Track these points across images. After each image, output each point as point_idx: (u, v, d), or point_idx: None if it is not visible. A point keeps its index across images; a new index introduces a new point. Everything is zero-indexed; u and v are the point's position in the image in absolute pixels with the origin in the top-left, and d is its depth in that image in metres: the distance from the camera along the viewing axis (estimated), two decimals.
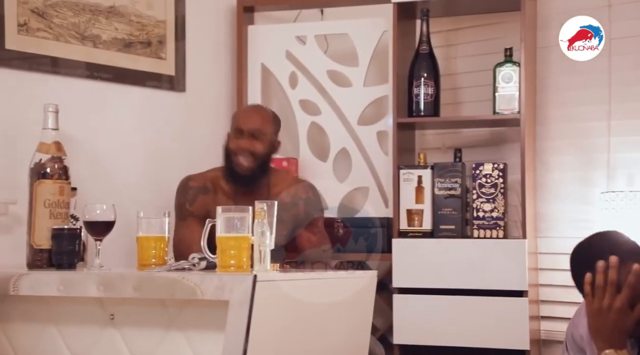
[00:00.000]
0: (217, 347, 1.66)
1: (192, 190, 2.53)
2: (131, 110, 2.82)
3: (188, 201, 2.51)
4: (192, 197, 2.52)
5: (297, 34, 3.11)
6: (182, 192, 2.53)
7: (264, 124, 2.52)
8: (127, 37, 2.79)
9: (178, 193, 2.55)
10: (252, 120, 2.52)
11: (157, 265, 1.94)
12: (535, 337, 2.73)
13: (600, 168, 2.76)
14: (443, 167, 2.73)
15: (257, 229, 1.79)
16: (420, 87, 2.77)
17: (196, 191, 2.53)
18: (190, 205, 2.51)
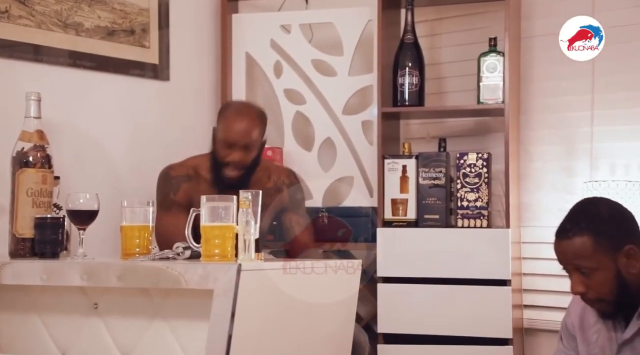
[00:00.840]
0: (201, 336, 1.66)
1: (175, 179, 2.51)
2: (114, 98, 2.80)
3: (172, 191, 2.49)
4: (176, 187, 2.50)
5: (282, 22, 3.09)
6: (164, 182, 2.51)
7: (255, 133, 2.46)
8: (110, 25, 2.76)
9: (160, 183, 2.53)
10: (243, 134, 2.44)
11: (141, 255, 1.93)
12: (518, 325, 2.76)
13: (583, 158, 2.78)
14: (427, 156, 2.74)
15: (242, 218, 1.79)
16: (405, 76, 2.77)
17: (179, 180, 2.51)
18: (174, 195, 2.49)
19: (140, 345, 1.81)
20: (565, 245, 1.71)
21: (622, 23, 2.70)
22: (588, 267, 1.68)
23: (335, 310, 2.01)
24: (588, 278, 1.69)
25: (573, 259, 1.70)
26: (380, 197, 2.76)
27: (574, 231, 1.70)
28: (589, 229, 1.69)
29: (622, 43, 2.73)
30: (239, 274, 1.65)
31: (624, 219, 1.75)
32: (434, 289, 2.65)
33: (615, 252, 1.68)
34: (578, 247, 1.68)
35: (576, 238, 1.69)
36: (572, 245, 1.69)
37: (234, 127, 2.46)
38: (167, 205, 2.49)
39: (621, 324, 1.72)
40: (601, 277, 1.67)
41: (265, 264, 1.84)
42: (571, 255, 1.70)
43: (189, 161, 2.57)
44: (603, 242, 1.68)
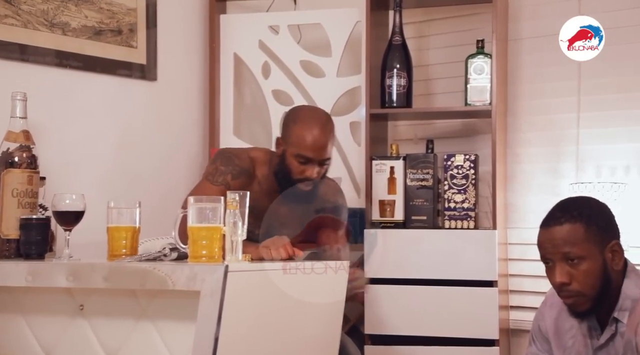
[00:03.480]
0: (188, 337, 1.66)
1: (239, 168, 2.33)
2: (101, 99, 2.79)
3: (231, 174, 2.31)
4: (236, 174, 2.32)
5: (270, 23, 3.09)
6: (227, 162, 2.33)
7: (331, 146, 2.32)
8: (97, 25, 2.75)
9: (221, 159, 2.35)
10: (322, 150, 2.28)
11: (128, 256, 1.92)
12: (504, 326, 2.77)
13: (569, 160, 2.80)
14: (415, 158, 2.75)
15: (229, 219, 1.79)
16: (393, 78, 2.78)
17: (241, 171, 2.33)
18: (232, 179, 2.30)
19: (126, 346, 1.80)
20: (555, 231, 1.68)
21: (608, 26, 2.71)
22: (577, 255, 1.65)
23: (323, 312, 2.01)
24: (574, 268, 1.66)
25: (562, 245, 1.66)
26: (368, 198, 2.76)
27: (566, 218, 1.68)
28: (581, 217, 1.68)
29: (607, 45, 2.75)
30: (226, 275, 1.64)
31: (611, 215, 1.75)
32: (421, 290, 2.66)
33: (603, 244, 1.67)
34: (569, 233, 1.66)
35: (567, 224, 1.67)
36: (563, 231, 1.67)
37: (309, 141, 2.27)
38: (217, 181, 2.31)
39: (597, 330, 1.72)
40: (588, 267, 1.65)
41: (252, 265, 1.84)
42: (560, 241, 1.67)
43: (251, 153, 2.41)
44: (594, 231, 1.67)
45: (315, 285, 1.97)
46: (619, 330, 1.68)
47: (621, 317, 1.67)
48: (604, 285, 1.67)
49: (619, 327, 1.68)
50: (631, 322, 1.65)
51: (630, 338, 1.64)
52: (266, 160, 2.37)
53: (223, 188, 2.25)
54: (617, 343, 1.68)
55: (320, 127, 2.30)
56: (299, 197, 2.31)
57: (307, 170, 2.28)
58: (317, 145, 2.28)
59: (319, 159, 2.29)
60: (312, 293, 1.96)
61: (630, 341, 1.64)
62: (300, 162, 2.28)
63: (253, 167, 2.35)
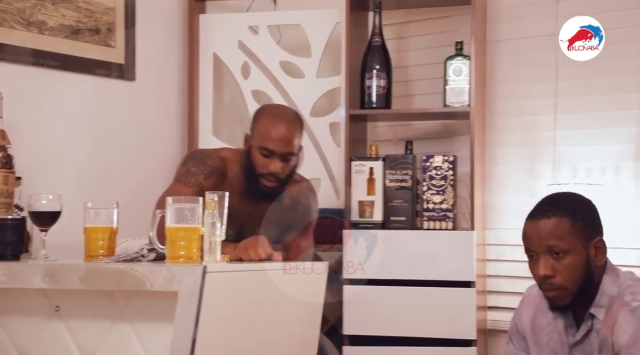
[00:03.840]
0: (165, 338, 1.65)
1: (211, 168, 2.32)
2: (79, 98, 2.77)
3: (204, 174, 2.30)
4: (209, 173, 2.31)
5: (250, 23, 3.09)
6: (199, 163, 2.32)
7: (297, 140, 2.29)
8: (74, 24, 2.73)
9: (190, 161, 2.34)
10: (286, 143, 2.26)
11: (105, 256, 1.91)
12: (481, 326, 2.78)
13: (547, 161, 2.82)
14: (394, 159, 2.75)
15: (208, 219, 1.78)
16: (372, 79, 2.78)
17: (214, 171, 2.32)
18: (204, 179, 2.29)
19: (103, 348, 1.79)
20: (541, 224, 1.69)
21: None
22: (562, 248, 1.67)
23: (302, 312, 2.01)
24: (558, 262, 1.67)
25: (548, 238, 1.67)
26: (347, 199, 2.76)
27: (553, 212, 1.69)
28: (568, 212, 1.69)
29: None
30: (204, 275, 1.64)
31: (596, 212, 1.76)
32: (400, 290, 2.67)
33: (588, 240, 1.69)
34: (555, 226, 1.67)
35: (554, 218, 1.68)
36: (549, 224, 1.68)
37: (273, 133, 2.26)
38: (190, 182, 2.30)
39: (572, 327, 1.74)
40: (572, 261, 1.66)
41: (230, 266, 1.83)
42: (547, 234, 1.68)
43: (222, 153, 2.40)
44: (579, 227, 1.68)
45: (293, 286, 1.97)
46: (595, 326, 1.69)
47: (597, 313, 1.69)
48: (586, 281, 1.68)
49: (594, 323, 1.69)
50: (608, 320, 1.66)
51: (607, 336, 1.65)
52: (237, 160, 2.35)
53: (196, 189, 2.25)
54: (592, 339, 1.70)
55: (286, 122, 2.30)
56: (269, 195, 2.30)
57: (270, 165, 2.26)
58: (280, 138, 2.26)
59: (282, 152, 2.26)
60: (290, 294, 1.95)
61: (606, 339, 1.65)
62: (264, 154, 2.27)
63: (224, 166, 2.34)
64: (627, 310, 1.64)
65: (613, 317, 1.65)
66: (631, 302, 1.65)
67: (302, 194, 2.44)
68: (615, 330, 1.64)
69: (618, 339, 1.63)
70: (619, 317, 1.65)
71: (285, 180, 2.32)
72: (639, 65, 2.65)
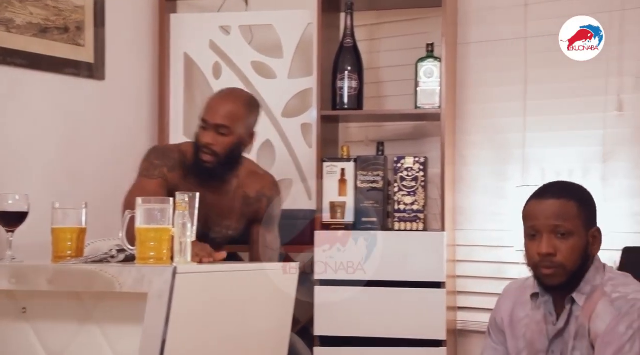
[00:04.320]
0: (134, 340, 1.64)
1: (174, 160, 2.34)
2: (47, 97, 2.73)
3: (167, 166, 2.31)
4: (173, 166, 2.32)
5: (221, 24, 3.07)
6: (161, 156, 2.33)
7: (232, 118, 2.29)
8: (43, 22, 2.69)
9: (153, 155, 2.35)
10: (218, 114, 2.28)
11: (73, 258, 1.89)
12: (451, 327, 2.80)
13: (516, 162, 2.85)
14: (366, 160, 2.76)
15: (178, 220, 1.77)
16: (344, 80, 2.79)
17: (176, 164, 2.33)
18: (168, 171, 2.30)
19: (71, 350, 1.77)
20: (549, 203, 1.72)
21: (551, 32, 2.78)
22: (567, 229, 1.70)
23: (273, 313, 2.00)
24: (561, 242, 1.70)
25: (555, 218, 1.70)
26: (319, 200, 2.76)
27: (562, 194, 1.74)
28: (575, 197, 1.74)
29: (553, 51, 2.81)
30: (174, 276, 1.63)
31: (595, 204, 1.80)
32: (371, 291, 2.68)
33: (588, 227, 1.73)
34: (562, 207, 1.71)
35: (563, 199, 1.72)
36: (557, 205, 1.71)
37: (212, 105, 2.31)
38: (153, 174, 2.31)
39: (552, 316, 1.77)
40: (574, 243, 1.70)
41: (201, 267, 1.82)
42: (553, 214, 1.71)
43: (182, 146, 2.42)
44: (584, 212, 1.73)
45: (264, 286, 1.97)
46: (574, 313, 1.72)
47: (578, 299, 1.72)
48: (581, 266, 1.72)
49: (574, 309, 1.73)
50: (586, 309, 1.70)
51: (584, 323, 1.68)
52: (194, 151, 2.35)
53: (161, 181, 2.26)
54: (571, 327, 1.73)
55: (227, 97, 2.35)
56: (209, 173, 2.30)
57: (204, 136, 2.28)
58: (214, 108, 2.30)
59: (214, 122, 2.27)
60: (261, 294, 1.95)
61: (584, 326, 1.68)
62: (201, 128, 2.31)
63: (185, 159, 2.35)
64: (607, 300, 1.68)
65: (592, 306, 1.68)
66: (611, 294, 1.68)
67: (266, 186, 2.47)
68: (594, 318, 1.67)
69: (596, 327, 1.66)
70: (598, 307, 1.68)
71: (227, 159, 2.32)
72: (607, 68, 2.69)
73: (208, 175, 2.32)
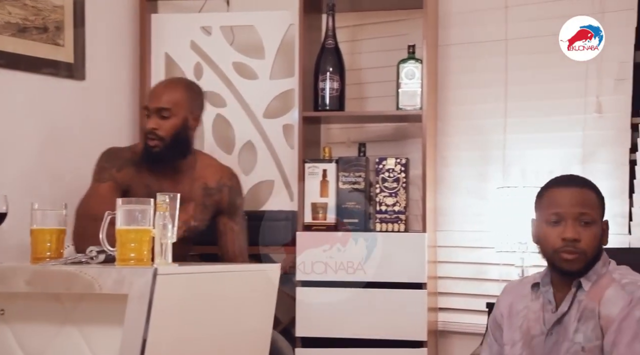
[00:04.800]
0: (114, 342, 1.62)
1: (122, 160, 2.40)
2: (26, 97, 2.70)
3: (116, 167, 2.37)
4: (120, 165, 2.39)
5: (203, 24, 3.06)
6: (109, 157, 2.40)
7: (172, 100, 2.37)
8: (21, 22, 2.67)
9: (103, 158, 2.42)
10: (157, 98, 2.37)
11: (53, 259, 1.87)
12: (432, 328, 2.81)
13: (496, 163, 2.87)
14: (347, 161, 2.76)
15: (159, 221, 1.76)
16: (326, 81, 2.79)
17: (126, 162, 2.40)
18: (117, 171, 2.36)
19: (49, 352, 1.75)
20: (574, 191, 1.77)
21: (531, 34, 2.80)
22: (590, 218, 1.75)
23: (254, 314, 2.00)
24: (584, 229, 1.74)
25: (581, 206, 1.75)
26: (301, 201, 2.76)
27: (585, 183, 1.79)
28: (594, 188, 1.80)
29: (533, 54, 2.83)
30: (155, 278, 1.62)
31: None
32: (352, 292, 2.68)
33: (602, 218, 1.79)
34: (586, 196, 1.77)
35: (586, 189, 1.78)
36: (582, 193, 1.77)
37: (153, 91, 2.42)
38: (103, 178, 2.37)
39: (551, 304, 1.79)
40: (595, 232, 1.75)
41: (182, 268, 1.81)
42: (579, 201, 1.75)
43: (134, 147, 2.48)
44: (601, 204, 1.79)
45: (246, 287, 1.96)
46: (578, 297, 1.75)
47: (584, 284, 1.75)
48: (597, 255, 1.77)
49: (578, 294, 1.75)
50: (594, 293, 1.73)
51: (592, 307, 1.71)
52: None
53: (111, 183, 2.31)
54: (572, 311, 1.75)
55: (167, 82, 2.47)
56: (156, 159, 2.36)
57: (148, 123, 2.35)
58: (155, 94, 2.39)
59: (154, 106, 2.35)
60: (243, 295, 1.94)
61: (592, 309, 1.71)
62: (145, 116, 2.38)
63: (138, 157, 2.40)
64: (617, 285, 1.72)
65: (600, 291, 1.72)
66: (621, 280, 1.73)
67: (224, 176, 2.51)
68: (604, 301, 1.71)
69: (607, 310, 1.70)
70: (608, 291, 1.71)
71: (173, 142, 2.37)
72: (586, 70, 2.71)
73: (157, 160, 2.37)
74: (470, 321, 2.83)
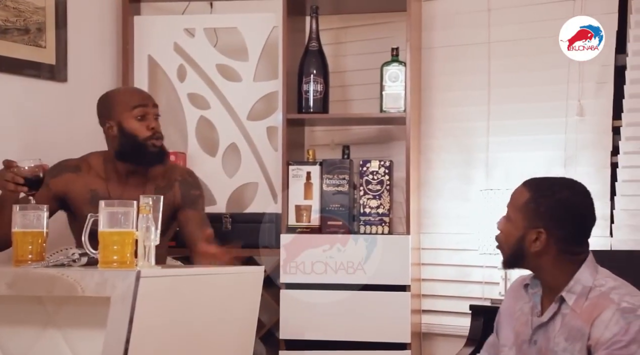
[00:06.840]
0: (96, 344, 1.61)
1: (62, 167, 2.42)
2: (7, 99, 2.68)
3: (51, 174, 2.34)
4: (57, 172, 2.39)
5: (186, 26, 3.05)
6: (51, 170, 2.35)
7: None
8: (2, 23, 2.64)
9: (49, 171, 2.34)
10: (150, 98, 2.42)
11: (35, 261, 1.85)
12: (416, 330, 2.82)
13: (480, 166, 2.88)
14: (331, 163, 2.76)
15: (142, 223, 1.75)
16: (309, 83, 2.79)
17: (65, 168, 2.42)
18: (52, 178, 2.34)
19: None
20: (517, 188, 1.84)
21: (514, 37, 2.82)
22: (508, 214, 1.82)
23: (238, 317, 1.99)
24: (505, 223, 1.82)
25: (509, 201, 1.84)
26: (285, 203, 2.76)
27: (527, 184, 1.82)
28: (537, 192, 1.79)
29: (516, 56, 2.85)
30: (138, 280, 1.61)
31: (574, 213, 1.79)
32: (335, 295, 2.68)
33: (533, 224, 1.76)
34: (516, 195, 1.83)
35: (521, 187, 1.82)
36: (516, 191, 1.83)
37: (136, 95, 2.43)
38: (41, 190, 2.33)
39: (537, 309, 1.80)
40: (509, 229, 1.80)
41: (165, 271, 1.80)
42: (510, 197, 1.84)
43: (85, 156, 2.50)
44: (532, 208, 1.77)
45: (230, 290, 1.96)
46: (562, 310, 1.74)
47: (568, 298, 1.74)
48: (515, 256, 1.79)
49: (562, 307, 1.75)
50: (587, 312, 1.69)
51: (581, 326, 1.68)
52: (101, 154, 2.45)
53: (43, 190, 2.22)
54: (556, 323, 1.75)
55: (133, 88, 2.58)
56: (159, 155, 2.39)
57: (150, 122, 2.36)
58: (143, 93, 2.45)
59: (153, 103, 2.40)
60: (226, 298, 1.94)
61: (581, 329, 1.68)
62: (139, 117, 2.36)
63: (87, 164, 2.43)
64: (615, 309, 1.67)
65: (594, 311, 1.68)
66: (620, 302, 1.68)
67: (175, 173, 2.51)
68: (598, 323, 1.67)
69: (599, 333, 1.66)
70: (605, 313, 1.67)
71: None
72: (568, 73, 2.73)
73: (159, 157, 2.39)
74: (454, 323, 2.84)
